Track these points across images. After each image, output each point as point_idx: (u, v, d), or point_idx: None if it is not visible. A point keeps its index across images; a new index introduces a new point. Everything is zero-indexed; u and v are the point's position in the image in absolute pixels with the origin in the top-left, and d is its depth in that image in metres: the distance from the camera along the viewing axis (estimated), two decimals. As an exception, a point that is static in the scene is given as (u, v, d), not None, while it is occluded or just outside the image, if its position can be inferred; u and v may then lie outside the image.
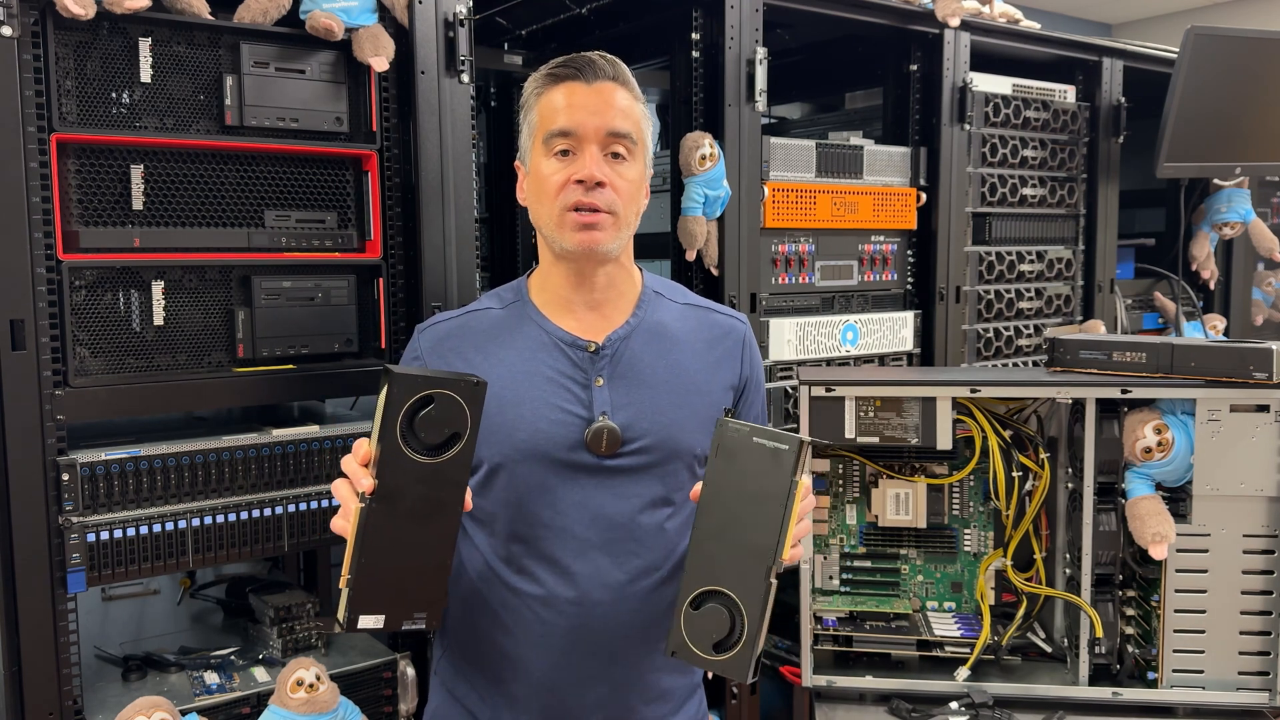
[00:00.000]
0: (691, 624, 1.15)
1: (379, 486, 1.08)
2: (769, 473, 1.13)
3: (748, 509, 1.14)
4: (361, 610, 1.10)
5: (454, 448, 1.11)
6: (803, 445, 1.13)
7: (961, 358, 2.44)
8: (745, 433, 1.15)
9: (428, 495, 1.11)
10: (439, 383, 1.10)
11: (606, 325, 1.40)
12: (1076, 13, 6.33)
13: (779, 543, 1.12)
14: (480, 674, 1.41)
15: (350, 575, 1.08)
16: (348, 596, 1.09)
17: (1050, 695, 1.57)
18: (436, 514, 1.12)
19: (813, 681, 1.61)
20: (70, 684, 1.45)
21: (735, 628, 1.13)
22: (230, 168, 1.56)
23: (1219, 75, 2.60)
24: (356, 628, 1.10)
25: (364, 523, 1.08)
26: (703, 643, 1.15)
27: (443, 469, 1.11)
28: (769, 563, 1.12)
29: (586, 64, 1.34)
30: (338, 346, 1.66)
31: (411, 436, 1.10)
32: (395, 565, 1.10)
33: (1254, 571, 1.54)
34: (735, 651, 1.13)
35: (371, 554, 1.09)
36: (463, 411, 1.11)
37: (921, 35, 2.33)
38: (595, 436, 1.33)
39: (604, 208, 1.32)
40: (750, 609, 1.13)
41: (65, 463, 1.41)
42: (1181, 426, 1.54)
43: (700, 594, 1.15)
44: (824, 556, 1.70)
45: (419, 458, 1.10)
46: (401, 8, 1.64)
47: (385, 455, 1.08)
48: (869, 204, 2.25)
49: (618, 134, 1.33)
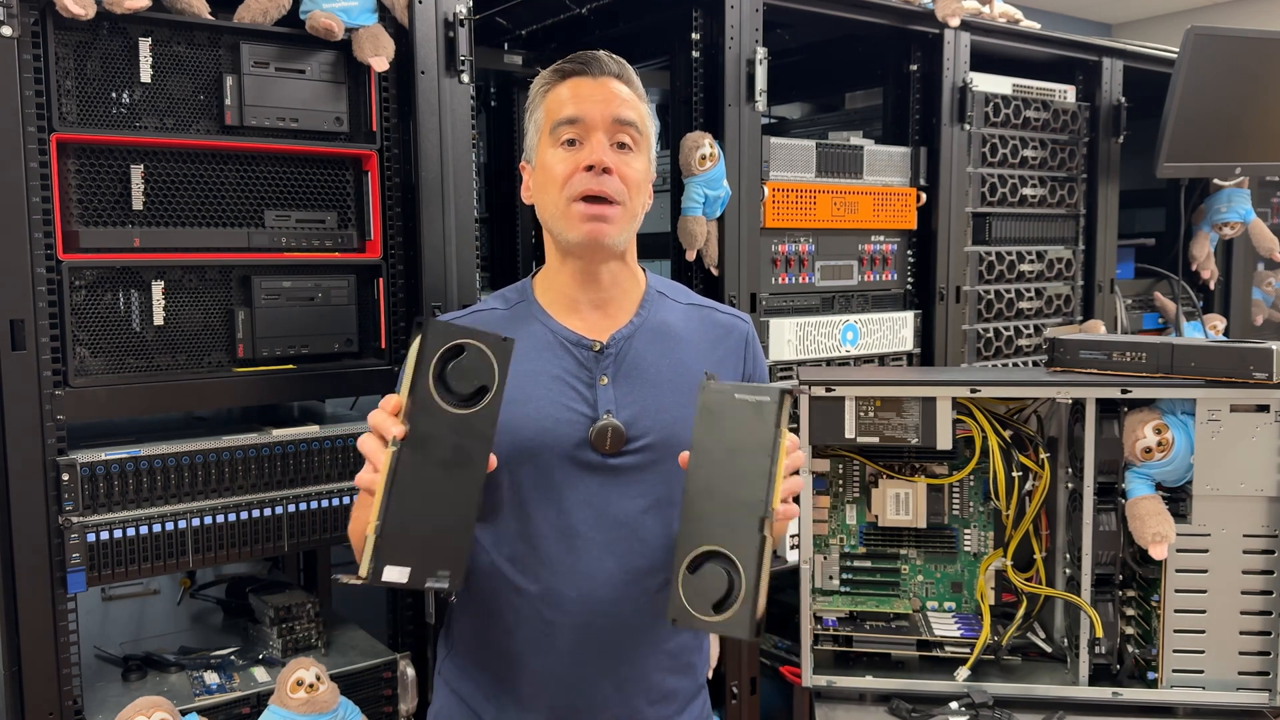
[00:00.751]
0: (690, 588, 1.13)
1: (410, 433, 1.09)
2: (753, 426, 1.13)
3: (735, 465, 1.14)
4: (388, 560, 1.08)
5: (482, 399, 1.13)
6: (784, 394, 1.12)
7: (961, 358, 2.44)
8: (727, 390, 1.15)
9: (456, 446, 1.12)
10: (471, 334, 1.12)
11: (611, 324, 1.40)
12: (1076, 13, 6.32)
13: (769, 493, 1.11)
14: (485, 674, 1.41)
15: (378, 522, 1.07)
16: (374, 545, 1.07)
17: (1050, 695, 1.57)
18: (464, 466, 1.12)
19: (813, 681, 1.61)
20: (70, 684, 1.45)
21: (734, 586, 1.11)
22: (230, 168, 1.56)
23: (1219, 75, 2.60)
24: (381, 579, 1.08)
25: (394, 470, 1.08)
26: (702, 605, 1.12)
27: (471, 420, 1.12)
28: (761, 514, 1.11)
29: (592, 59, 1.36)
30: (338, 346, 1.66)
31: (442, 386, 1.10)
32: (422, 517, 1.10)
33: (1254, 571, 1.54)
34: (734, 609, 1.11)
35: (400, 502, 1.08)
36: (491, 365, 1.12)
37: (921, 35, 2.33)
38: (600, 435, 1.33)
39: (612, 195, 1.32)
40: (746, 564, 1.11)
41: (65, 463, 1.41)
42: (1181, 426, 1.54)
43: (696, 557, 1.14)
44: (824, 556, 1.70)
45: (449, 407, 1.11)
46: (401, 8, 1.64)
47: (417, 402, 1.09)
48: (869, 204, 2.25)
49: (624, 121, 1.34)
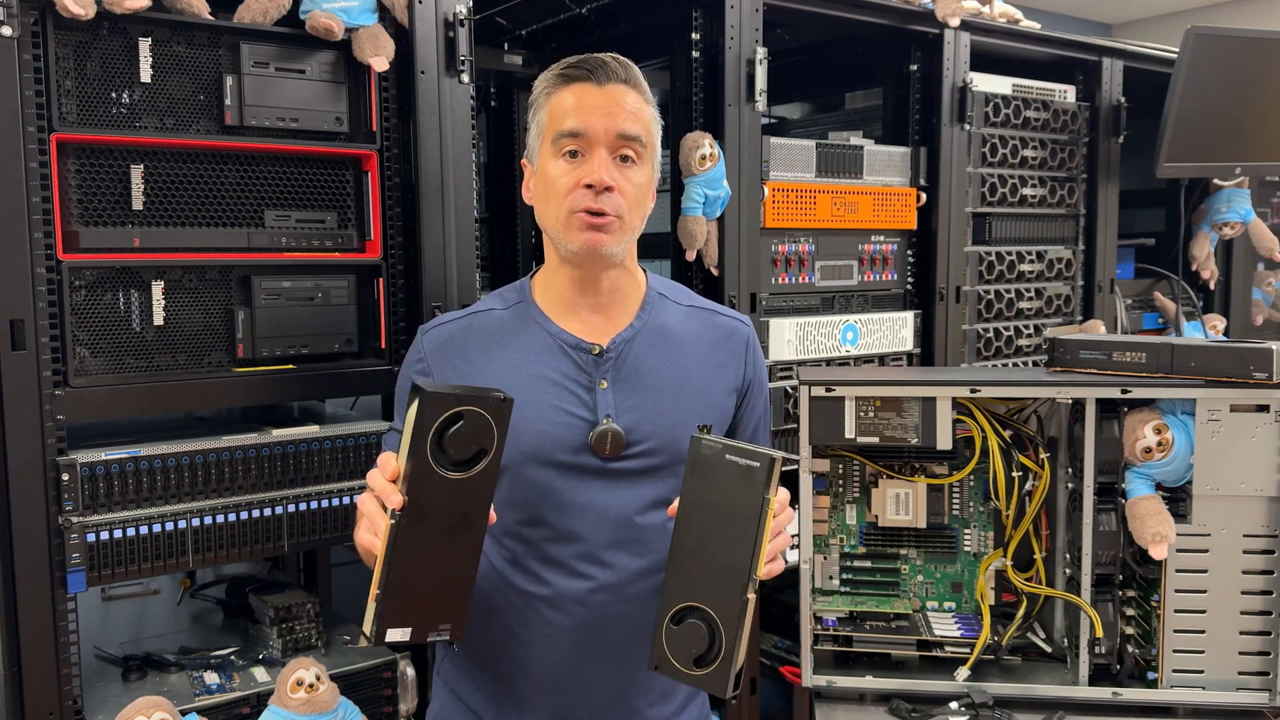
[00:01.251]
0: (672, 639, 1.16)
1: (409, 503, 1.09)
2: (742, 490, 1.14)
3: (722, 526, 1.15)
4: (390, 624, 1.11)
5: (480, 463, 1.12)
6: (774, 462, 1.13)
7: (961, 358, 2.44)
8: (719, 449, 1.15)
9: (455, 510, 1.12)
10: (468, 400, 1.11)
11: (611, 328, 1.39)
12: (1076, 13, 6.32)
13: (753, 561, 1.13)
14: (485, 674, 1.41)
15: (379, 590, 1.09)
16: (377, 611, 1.10)
17: (1050, 695, 1.57)
18: (463, 528, 1.13)
19: (813, 681, 1.61)
20: (70, 684, 1.45)
21: (714, 643, 1.14)
22: (230, 168, 1.56)
23: (1219, 75, 2.60)
24: (384, 641, 1.11)
25: (394, 539, 1.09)
26: (683, 658, 1.15)
27: (469, 484, 1.12)
28: (743, 580, 1.13)
29: (599, 65, 1.32)
30: (338, 346, 1.66)
31: (440, 453, 1.10)
32: (423, 579, 1.11)
33: (1254, 571, 1.54)
34: (714, 667, 1.14)
35: (401, 569, 1.10)
36: (490, 428, 1.12)
37: (921, 35, 2.33)
38: (599, 439, 1.33)
39: (611, 212, 1.31)
40: (728, 625, 1.13)
41: (65, 463, 1.41)
42: (1181, 426, 1.54)
43: (680, 609, 1.16)
44: (824, 556, 1.70)
45: (447, 473, 1.11)
46: (401, 8, 1.64)
47: (415, 472, 1.09)
48: (869, 204, 2.25)
49: (627, 136, 1.32)
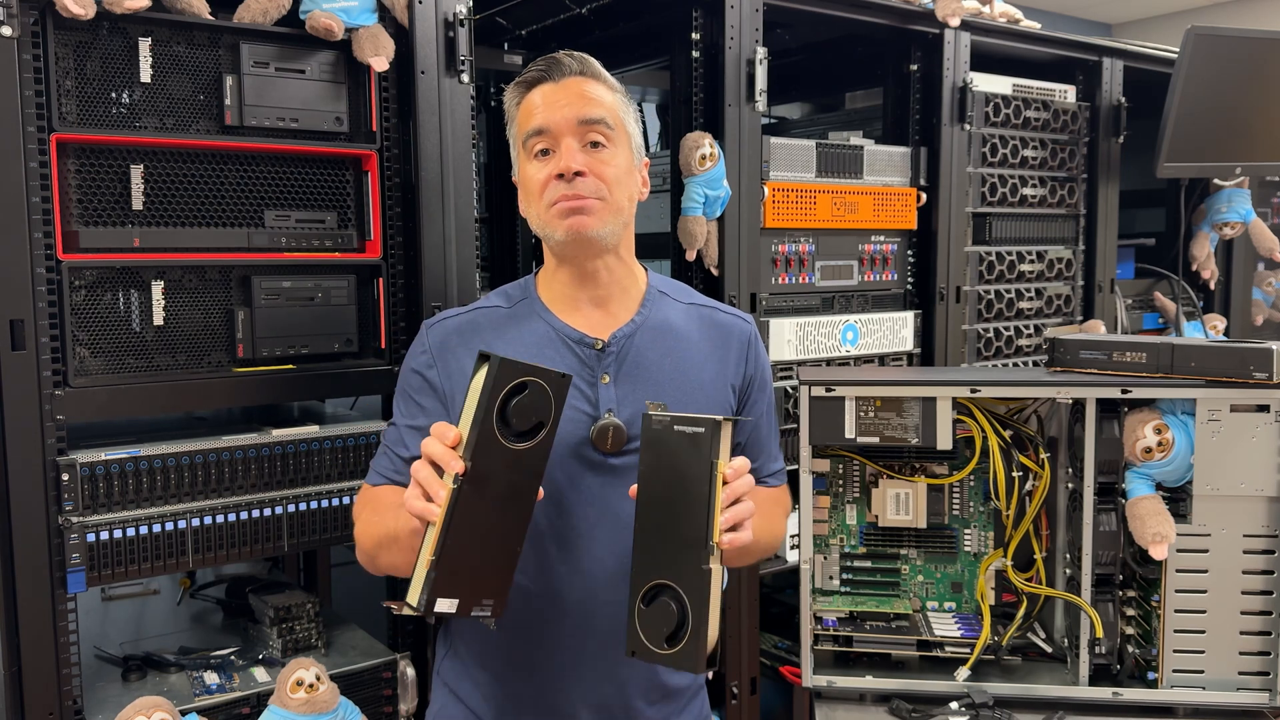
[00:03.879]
0: (644, 620, 1.15)
1: (471, 469, 1.09)
2: (691, 458, 1.13)
3: (678, 498, 1.14)
4: (441, 593, 1.09)
5: (538, 435, 1.13)
6: (718, 426, 1.12)
7: (961, 358, 2.44)
8: (667, 422, 1.15)
9: (511, 481, 1.12)
10: (535, 371, 1.12)
11: (612, 323, 1.40)
12: (1076, 13, 6.32)
13: (709, 529, 1.12)
14: (484, 673, 1.41)
15: (434, 557, 1.08)
16: (432, 579, 1.08)
17: (1050, 695, 1.57)
18: (516, 501, 1.13)
19: (813, 681, 1.61)
20: (70, 684, 1.45)
21: (684, 620, 1.12)
22: (230, 168, 1.56)
23: (1219, 75, 2.60)
24: (433, 610, 1.09)
25: (454, 505, 1.08)
26: (655, 638, 1.14)
27: (526, 456, 1.12)
28: (703, 548, 1.12)
29: (553, 63, 1.36)
30: (337, 346, 1.66)
31: (502, 423, 1.11)
32: (475, 551, 1.11)
33: (1254, 571, 1.54)
34: (684, 644, 1.12)
35: (458, 537, 1.09)
36: (549, 402, 1.13)
37: (921, 35, 2.33)
38: (601, 434, 1.33)
39: (588, 195, 1.32)
40: (694, 599, 1.12)
41: (65, 463, 1.41)
42: (1181, 426, 1.54)
43: (649, 589, 1.15)
44: (824, 556, 1.70)
45: (508, 443, 1.11)
46: (401, 8, 1.64)
47: (482, 438, 1.09)
48: (869, 204, 2.25)
49: (590, 120, 1.33)
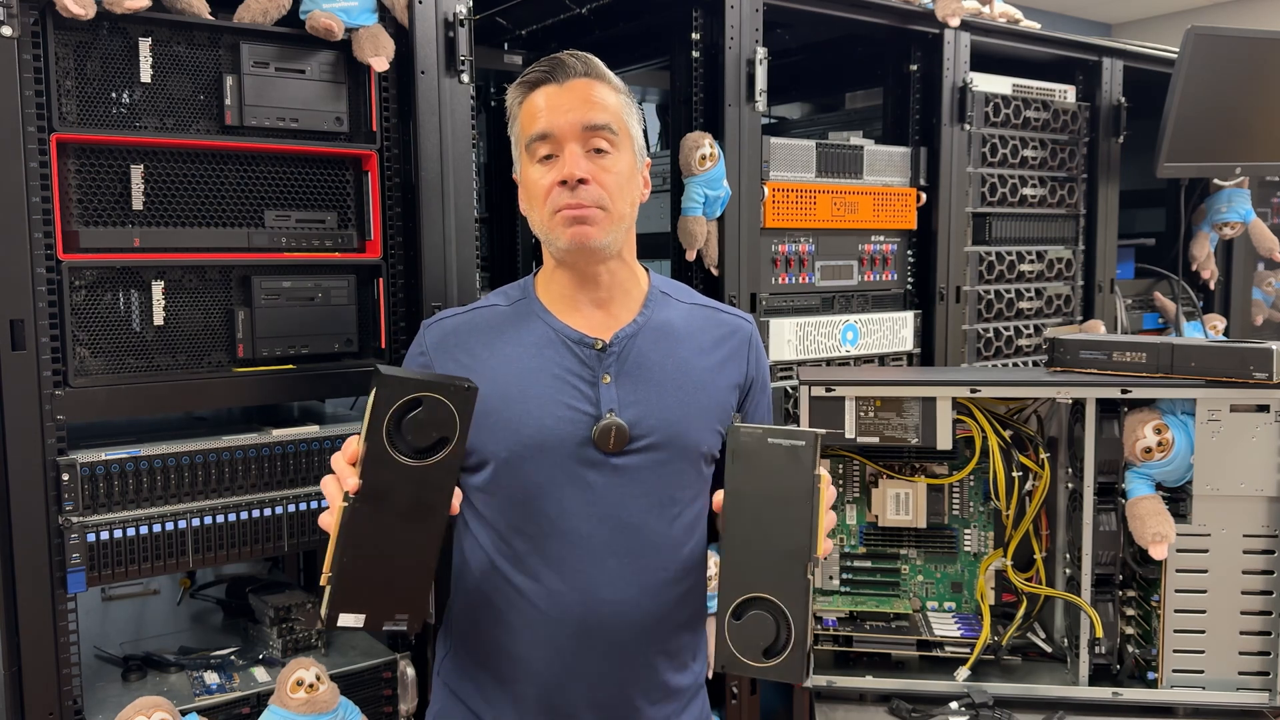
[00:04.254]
0: (736, 634, 1.15)
1: (363, 486, 1.08)
2: (789, 471, 1.14)
3: (775, 510, 1.15)
4: (341, 608, 1.09)
5: (442, 451, 1.11)
6: (817, 438, 1.14)
7: (961, 358, 2.44)
8: (759, 434, 1.15)
9: (413, 497, 1.11)
10: (427, 386, 1.09)
11: (613, 323, 1.40)
12: (1076, 13, 6.33)
13: (812, 539, 1.13)
14: (484, 673, 1.41)
15: (331, 573, 1.08)
16: (328, 594, 1.09)
17: (1050, 695, 1.57)
18: (421, 516, 1.11)
19: (813, 681, 1.61)
20: (70, 684, 1.45)
21: (781, 631, 1.14)
22: (230, 168, 1.56)
23: (1219, 75, 2.60)
24: (336, 625, 1.10)
25: (346, 521, 1.08)
26: (751, 652, 1.14)
27: (429, 472, 1.10)
28: (805, 560, 1.13)
29: (557, 65, 1.35)
30: (337, 346, 1.66)
31: (399, 438, 1.09)
32: (377, 566, 1.10)
33: (1254, 571, 1.54)
34: (787, 655, 1.13)
35: (352, 553, 1.09)
36: (451, 416, 1.10)
37: (921, 35, 2.33)
38: (603, 433, 1.33)
39: (591, 204, 1.31)
40: (794, 610, 1.13)
41: (65, 463, 1.41)
42: (1181, 426, 1.54)
43: (740, 603, 1.15)
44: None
45: (405, 460, 1.09)
46: (401, 8, 1.64)
47: (371, 456, 1.08)
48: (869, 204, 2.25)
49: (594, 126, 1.33)
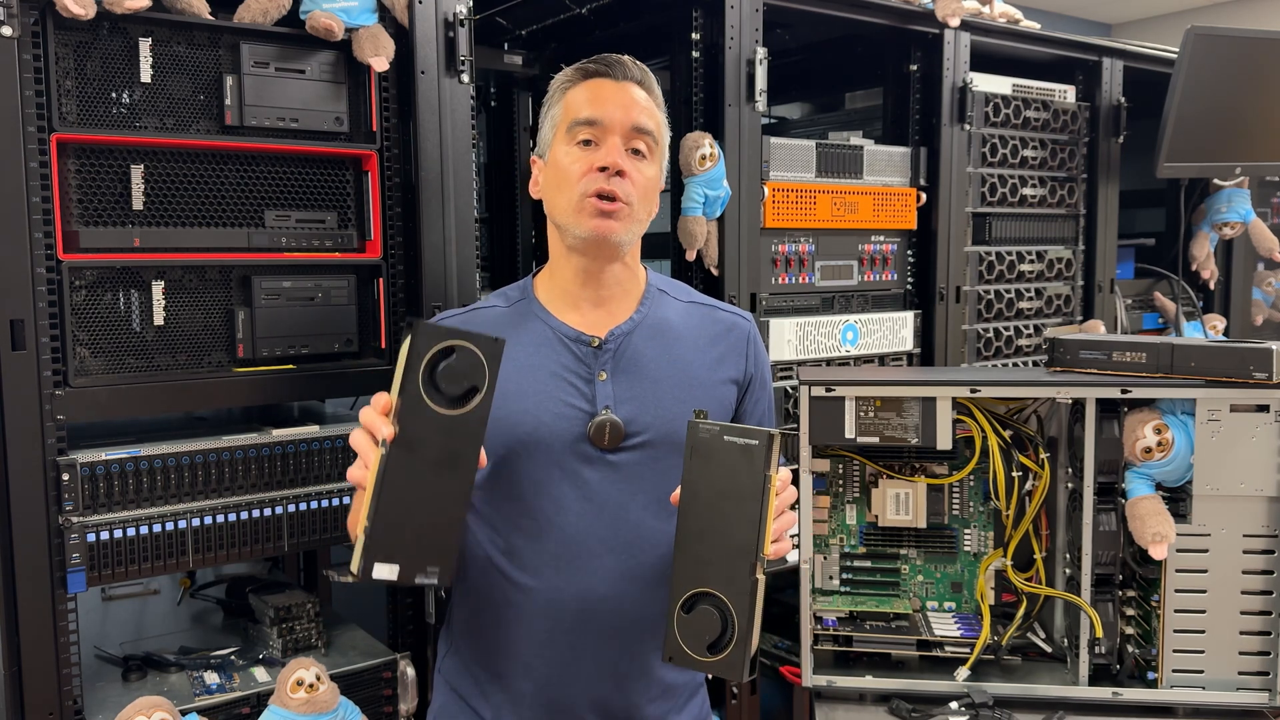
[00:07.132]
0: (684, 627, 1.16)
1: (399, 434, 1.09)
2: (742, 469, 1.14)
3: (726, 508, 1.15)
4: (377, 558, 1.10)
5: (472, 400, 1.13)
6: (772, 438, 1.14)
7: (961, 358, 2.44)
8: (716, 432, 1.17)
9: (445, 446, 1.12)
10: (460, 335, 1.12)
11: (610, 321, 1.40)
12: (1076, 13, 6.32)
13: (759, 539, 1.13)
14: (484, 671, 1.41)
15: (368, 522, 1.09)
16: (364, 544, 1.09)
17: (1050, 695, 1.57)
18: (453, 466, 1.13)
19: (813, 681, 1.61)
20: (70, 684, 1.45)
21: (727, 628, 1.14)
22: (230, 168, 1.56)
23: (1219, 75, 2.60)
24: (371, 576, 1.10)
25: (384, 469, 1.09)
26: (697, 645, 1.15)
27: (460, 421, 1.12)
28: (752, 559, 1.13)
29: (616, 62, 1.38)
30: (337, 346, 1.66)
31: (432, 387, 1.11)
32: (411, 515, 1.11)
33: (1254, 571, 1.54)
34: (729, 652, 1.14)
35: (389, 501, 1.09)
36: (481, 366, 1.13)
37: (921, 35, 2.33)
38: (598, 430, 1.33)
39: (621, 197, 1.33)
40: (739, 608, 1.14)
41: (65, 463, 1.41)
42: (1181, 426, 1.54)
43: (690, 596, 1.16)
44: (824, 556, 1.70)
45: (438, 408, 1.11)
46: (401, 8, 1.64)
47: (407, 403, 1.10)
48: (869, 204, 2.25)
49: (641, 129, 1.35)
